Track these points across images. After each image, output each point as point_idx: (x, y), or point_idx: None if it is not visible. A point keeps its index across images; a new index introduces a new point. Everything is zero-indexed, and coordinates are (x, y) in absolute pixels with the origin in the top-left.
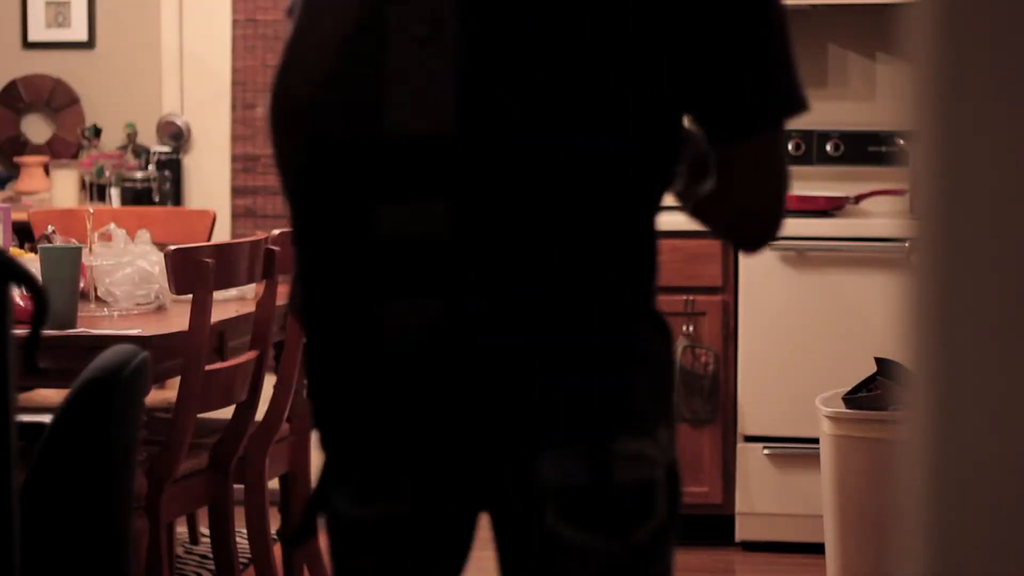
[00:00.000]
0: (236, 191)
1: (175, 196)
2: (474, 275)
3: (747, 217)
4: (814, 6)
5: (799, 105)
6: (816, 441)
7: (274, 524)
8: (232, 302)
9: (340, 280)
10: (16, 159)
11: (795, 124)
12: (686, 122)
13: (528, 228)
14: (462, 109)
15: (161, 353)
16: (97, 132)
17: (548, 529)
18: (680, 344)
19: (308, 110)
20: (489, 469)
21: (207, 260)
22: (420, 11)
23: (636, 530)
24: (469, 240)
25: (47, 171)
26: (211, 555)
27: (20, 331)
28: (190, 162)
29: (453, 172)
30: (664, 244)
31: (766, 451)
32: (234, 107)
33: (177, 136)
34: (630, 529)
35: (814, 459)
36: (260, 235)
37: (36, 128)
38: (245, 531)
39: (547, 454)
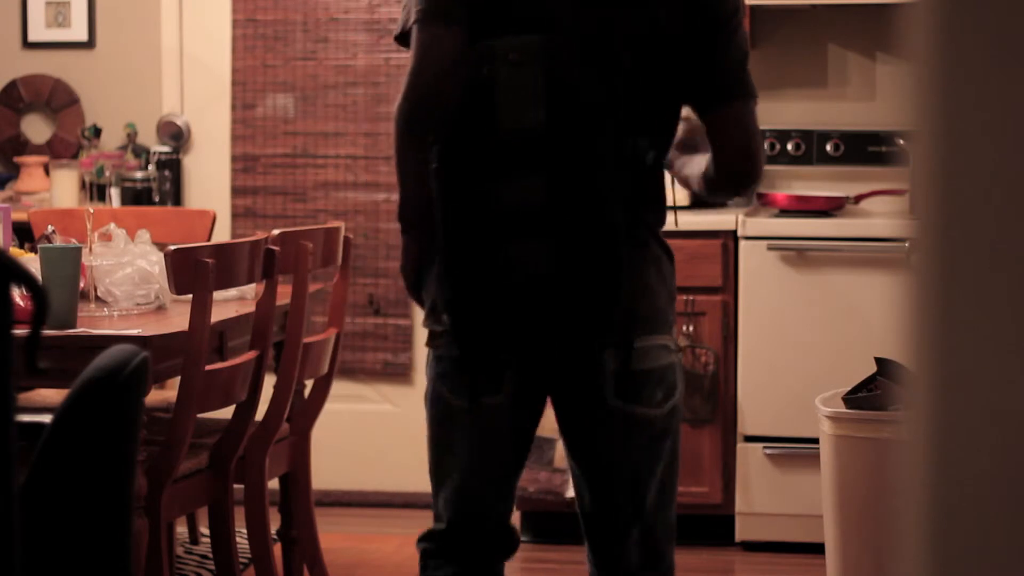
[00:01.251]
0: (236, 191)
1: (175, 196)
2: (562, 228)
3: (736, 164)
4: (814, 6)
5: (755, 92)
6: (816, 441)
7: (274, 524)
8: (232, 302)
9: (476, 234)
10: (16, 159)
11: (795, 124)
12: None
13: (592, 193)
14: (547, 112)
15: (161, 353)
16: (97, 132)
17: (607, 403)
18: (680, 344)
19: (441, 113)
20: (567, 364)
21: (207, 260)
22: (513, 45)
23: (664, 401)
24: (557, 203)
25: (47, 171)
26: (211, 555)
27: (20, 331)
28: (190, 162)
29: (544, 155)
30: None
31: (766, 451)
32: (234, 107)
33: (177, 136)
34: (662, 401)
35: (814, 459)
36: (260, 235)
37: (36, 128)
38: (245, 531)
39: (608, 350)
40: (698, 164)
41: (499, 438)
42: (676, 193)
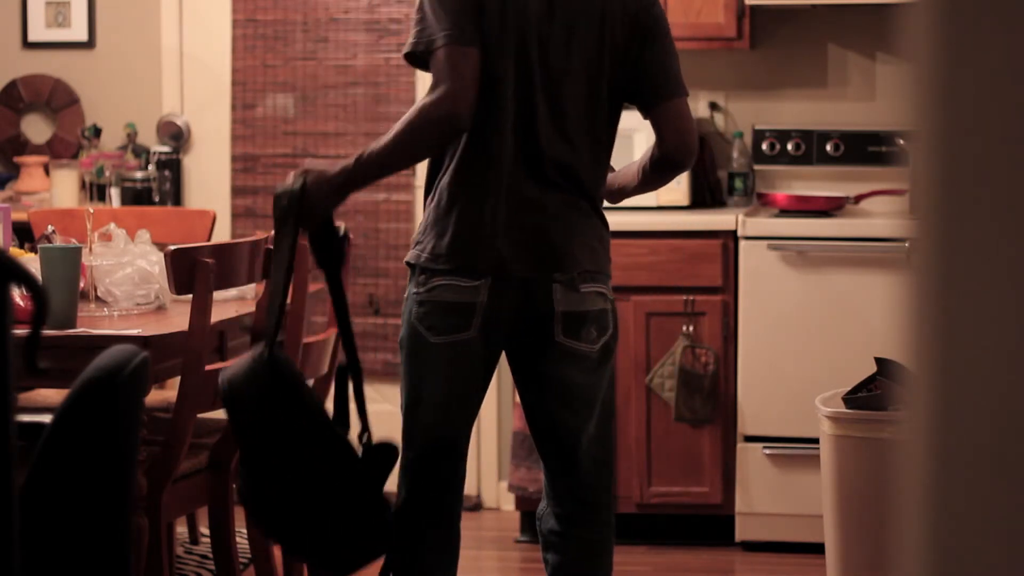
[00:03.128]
0: (236, 191)
1: (175, 196)
2: (536, 200)
3: (678, 150)
4: (814, 6)
5: (687, 92)
6: (816, 441)
7: None
8: (232, 302)
9: (478, 204)
10: (16, 159)
11: (795, 124)
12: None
13: (559, 179)
14: (539, 120)
15: (161, 353)
16: (97, 132)
17: (554, 339)
18: (680, 344)
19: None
20: (523, 304)
21: (207, 260)
22: (504, 67)
23: (598, 339)
24: (535, 184)
25: (47, 171)
26: (211, 555)
27: (20, 331)
28: (190, 162)
29: (524, 148)
30: (664, 244)
31: (766, 451)
32: (234, 107)
33: (177, 136)
34: (596, 339)
35: (814, 459)
36: (260, 235)
37: (36, 128)
38: (245, 531)
39: (558, 285)
40: (630, 169)
41: (470, 370)
42: (676, 193)
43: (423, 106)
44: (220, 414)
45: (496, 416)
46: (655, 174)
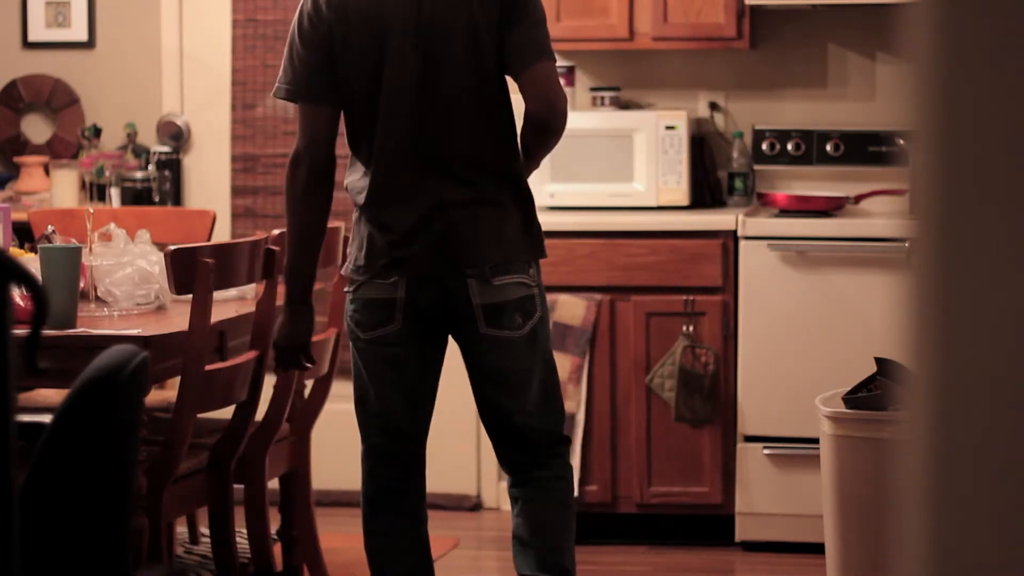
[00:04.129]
0: (236, 191)
1: (175, 196)
2: (441, 199)
3: (544, 111)
4: (814, 6)
5: (553, 55)
6: (816, 441)
7: (274, 524)
8: (232, 302)
9: (385, 210)
10: (16, 159)
11: (795, 124)
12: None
13: (460, 173)
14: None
15: (161, 353)
16: (97, 132)
17: (479, 331)
18: (680, 344)
19: (325, 163)
20: (445, 300)
21: (207, 260)
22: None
23: (524, 324)
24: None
25: (47, 171)
26: (211, 555)
27: (20, 331)
28: (190, 162)
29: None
30: (664, 244)
31: (766, 451)
32: (234, 107)
33: (177, 136)
34: (522, 324)
35: (814, 459)
36: (260, 235)
37: (36, 128)
38: (245, 531)
39: (471, 280)
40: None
41: (404, 360)
42: (676, 193)
43: (287, 174)
44: (220, 414)
45: None
46: (530, 139)
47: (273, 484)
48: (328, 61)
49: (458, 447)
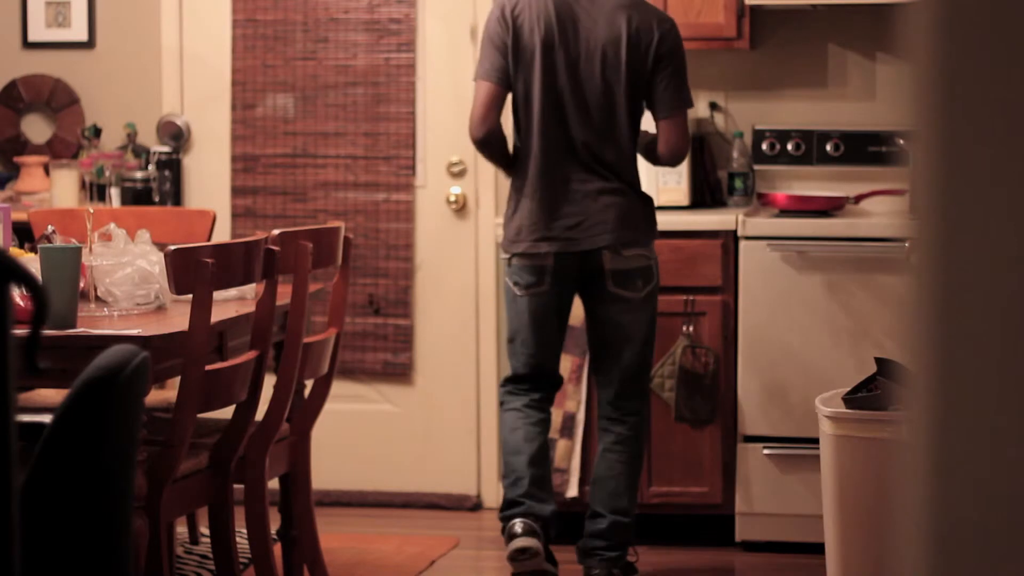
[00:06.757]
0: (236, 191)
1: (175, 196)
2: (589, 188)
3: (672, 153)
4: (814, 6)
5: (690, 104)
6: (816, 441)
7: (274, 524)
8: (232, 302)
9: (531, 195)
10: (16, 159)
11: (795, 124)
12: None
13: (605, 171)
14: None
15: (161, 353)
16: (97, 132)
17: (607, 290)
18: (680, 344)
19: (485, 132)
20: (582, 266)
21: (207, 260)
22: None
23: (644, 287)
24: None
25: (47, 171)
26: (211, 555)
27: (20, 331)
28: (190, 162)
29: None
30: (664, 245)
31: (766, 451)
32: (234, 107)
33: (177, 136)
34: (643, 287)
35: (814, 459)
36: (260, 235)
37: (36, 128)
38: (245, 531)
39: (606, 253)
40: (643, 137)
41: (546, 314)
42: (676, 193)
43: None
44: (220, 414)
45: (496, 417)
46: (646, 157)
47: (273, 484)
48: (503, 48)
49: (458, 447)
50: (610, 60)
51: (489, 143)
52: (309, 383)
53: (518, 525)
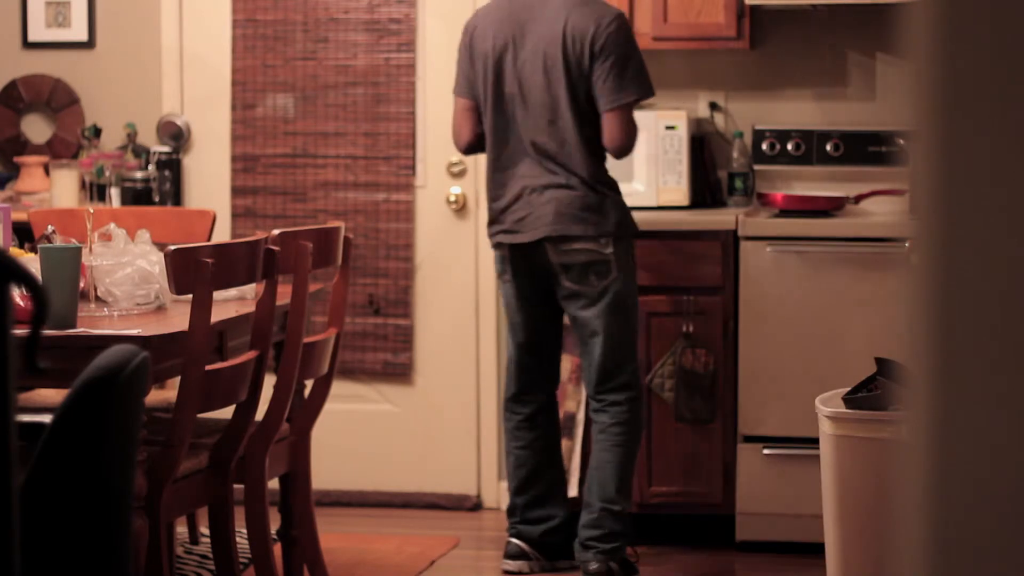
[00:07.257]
0: (236, 191)
1: (175, 196)
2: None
3: (614, 147)
4: (814, 6)
5: (638, 96)
6: (816, 441)
7: (274, 524)
8: (232, 302)
9: (495, 191)
10: (16, 159)
11: (795, 124)
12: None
13: (550, 155)
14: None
15: (161, 353)
16: (97, 132)
17: (563, 285)
18: (680, 344)
19: (464, 143)
20: (533, 259)
21: (207, 260)
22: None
23: (601, 281)
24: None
25: (47, 171)
26: (211, 555)
27: (20, 331)
28: (190, 162)
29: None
30: (664, 245)
31: (766, 451)
32: (234, 107)
33: (177, 136)
34: (598, 281)
35: (814, 459)
36: (260, 235)
37: (36, 128)
38: (245, 531)
39: (549, 246)
40: None
41: (519, 301)
42: (676, 193)
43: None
44: (220, 414)
45: (496, 417)
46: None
47: (273, 484)
48: (469, 63)
49: (458, 447)
50: (550, 59)
51: (472, 152)
52: (309, 383)
53: (510, 545)
